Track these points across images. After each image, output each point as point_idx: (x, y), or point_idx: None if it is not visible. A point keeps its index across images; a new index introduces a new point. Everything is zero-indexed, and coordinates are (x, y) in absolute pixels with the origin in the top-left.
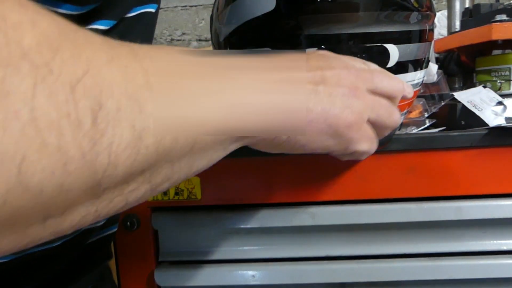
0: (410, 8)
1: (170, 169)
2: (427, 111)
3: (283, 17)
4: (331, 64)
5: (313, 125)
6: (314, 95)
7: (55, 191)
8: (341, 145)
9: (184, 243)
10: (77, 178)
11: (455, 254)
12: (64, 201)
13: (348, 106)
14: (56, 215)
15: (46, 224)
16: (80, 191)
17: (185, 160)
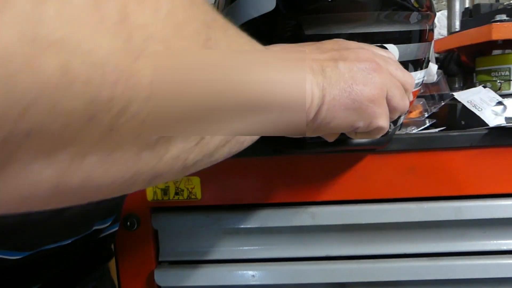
0: (410, 8)
1: (238, 122)
2: (427, 111)
3: (283, 17)
4: (347, 45)
5: (337, 101)
6: (335, 71)
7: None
8: (365, 120)
9: (184, 243)
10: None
11: (455, 254)
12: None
13: (370, 80)
14: (152, 145)
15: (157, 146)
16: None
17: (247, 119)
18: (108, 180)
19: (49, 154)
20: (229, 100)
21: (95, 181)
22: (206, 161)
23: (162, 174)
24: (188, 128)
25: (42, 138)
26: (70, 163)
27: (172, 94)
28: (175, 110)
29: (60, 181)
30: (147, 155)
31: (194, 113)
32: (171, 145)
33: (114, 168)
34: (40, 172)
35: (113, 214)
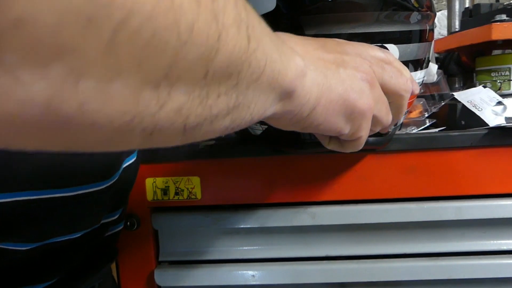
0: (411, 8)
1: (243, 92)
2: (427, 111)
3: (284, 17)
4: (346, 50)
5: (333, 105)
6: (336, 76)
7: (187, 31)
8: (351, 129)
9: (184, 243)
10: (205, 26)
11: (455, 254)
12: (186, 57)
13: (364, 92)
14: (172, 77)
15: (160, 88)
16: (201, 50)
17: (251, 91)
18: (105, 119)
19: (41, 61)
20: (239, 60)
21: (90, 115)
22: (207, 129)
23: (162, 128)
24: (191, 71)
25: (32, 32)
26: (65, 80)
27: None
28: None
29: (52, 102)
30: (148, 96)
31: (202, 60)
32: (173, 93)
33: (112, 104)
34: (31, 84)
35: (120, 207)
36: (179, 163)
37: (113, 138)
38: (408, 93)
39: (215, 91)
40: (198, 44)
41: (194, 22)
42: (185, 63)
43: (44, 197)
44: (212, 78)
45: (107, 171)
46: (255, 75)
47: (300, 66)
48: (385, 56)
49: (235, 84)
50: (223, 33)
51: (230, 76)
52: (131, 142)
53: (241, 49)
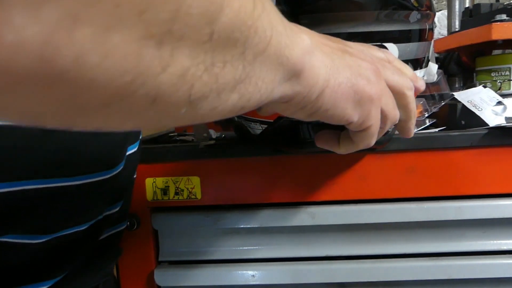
0: (410, 7)
1: (249, 63)
2: (427, 111)
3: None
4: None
5: (342, 88)
6: (342, 61)
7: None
8: (360, 116)
9: (184, 243)
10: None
11: (455, 254)
12: (189, 13)
13: (371, 79)
14: (174, 35)
15: (162, 46)
16: (205, 5)
17: (258, 64)
18: (104, 76)
19: (36, 4)
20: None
21: (88, 70)
22: (214, 102)
23: (165, 94)
24: (195, 29)
25: None
26: (59, 24)
27: None
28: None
29: (46, 48)
30: (150, 53)
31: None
32: (176, 55)
33: (112, 58)
34: (24, 28)
35: (121, 198)
36: (179, 163)
37: (113, 101)
38: (411, 91)
39: (220, 59)
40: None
41: None
42: (188, 18)
43: (51, 186)
44: (217, 41)
45: (113, 160)
46: (261, 45)
47: (307, 43)
48: (385, 56)
49: (241, 53)
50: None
51: (236, 42)
52: (132, 109)
53: (246, 12)
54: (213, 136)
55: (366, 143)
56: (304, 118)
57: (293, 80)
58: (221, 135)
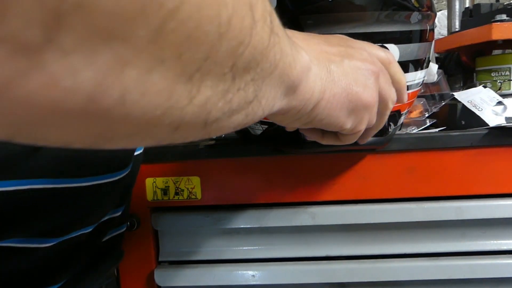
0: (411, 8)
1: (258, 85)
2: (428, 111)
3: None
4: (351, 44)
5: (337, 98)
6: (340, 68)
7: (225, 24)
8: (353, 123)
9: (184, 243)
10: (239, 20)
11: (455, 254)
12: (219, 50)
13: (369, 85)
14: (203, 71)
15: (192, 81)
16: (233, 43)
17: (265, 85)
18: (140, 111)
19: (93, 47)
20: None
21: (129, 106)
22: (224, 124)
23: (187, 123)
24: (220, 65)
25: (90, 15)
26: (111, 67)
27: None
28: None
29: (95, 92)
30: (181, 89)
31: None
32: (202, 88)
33: (150, 95)
34: (79, 72)
35: (124, 202)
36: (179, 163)
37: (140, 132)
38: (393, 104)
39: (236, 85)
40: (232, 37)
41: (232, 15)
42: (218, 56)
43: (59, 187)
44: (236, 72)
45: (124, 161)
46: (270, 69)
47: (306, 60)
48: (386, 56)
49: (252, 78)
50: (254, 27)
51: (250, 70)
52: (155, 137)
53: (263, 44)
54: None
55: (351, 142)
56: (300, 127)
57: (290, 95)
58: (221, 135)
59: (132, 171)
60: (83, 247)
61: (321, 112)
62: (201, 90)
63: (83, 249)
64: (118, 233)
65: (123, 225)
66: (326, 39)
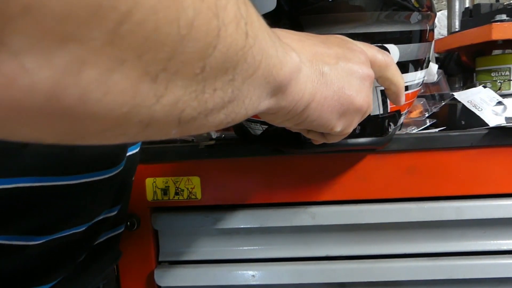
0: (411, 8)
1: (238, 86)
2: (428, 111)
3: (284, 17)
4: (351, 46)
5: (328, 101)
6: (334, 71)
7: (187, 26)
8: (343, 125)
9: (184, 243)
10: (204, 22)
11: (455, 254)
12: (184, 51)
13: (363, 88)
14: (169, 71)
15: (157, 81)
16: (199, 45)
17: (246, 85)
18: (104, 109)
19: (47, 48)
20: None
21: (91, 105)
22: (201, 122)
23: (158, 120)
24: (188, 65)
25: (40, 19)
26: (69, 67)
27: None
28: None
29: (55, 90)
30: (146, 88)
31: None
32: (170, 87)
33: (112, 94)
34: (36, 72)
35: (120, 201)
36: (179, 163)
37: (110, 128)
38: (366, 114)
39: (211, 86)
40: (196, 39)
41: (194, 18)
42: (183, 57)
43: (47, 185)
44: (209, 72)
45: (114, 159)
46: (251, 70)
47: (295, 62)
48: (383, 59)
49: (231, 79)
50: (222, 29)
51: (226, 71)
52: (127, 133)
53: (238, 45)
54: (213, 136)
55: (336, 141)
56: (291, 127)
57: (279, 96)
58: (221, 135)
59: (127, 169)
60: (76, 247)
61: (312, 114)
62: (170, 89)
63: (75, 248)
64: (115, 233)
65: (120, 225)
66: (325, 40)
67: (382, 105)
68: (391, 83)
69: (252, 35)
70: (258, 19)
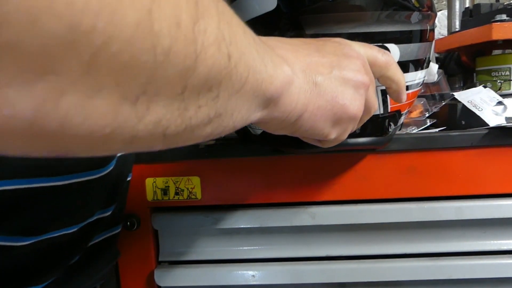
0: (411, 8)
1: (225, 102)
2: (428, 111)
3: (284, 16)
4: (348, 52)
5: (321, 111)
6: (327, 81)
7: (164, 53)
8: (337, 133)
9: (184, 243)
10: (182, 48)
11: (455, 254)
12: (163, 75)
13: (357, 98)
14: (150, 93)
15: (138, 103)
16: (178, 68)
17: (234, 100)
18: (86, 131)
19: (27, 80)
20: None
21: (73, 128)
22: (188, 136)
23: (142, 138)
24: (168, 87)
25: (19, 55)
26: (48, 96)
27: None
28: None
29: (36, 117)
30: (127, 110)
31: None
32: (152, 107)
33: (93, 118)
34: (16, 101)
35: (114, 201)
36: (179, 163)
37: (94, 146)
38: (371, 114)
39: (194, 103)
40: (175, 63)
41: (171, 45)
42: (163, 80)
43: (33, 186)
44: (191, 91)
45: (103, 159)
46: (237, 86)
47: (287, 75)
48: (383, 59)
49: (216, 96)
50: (202, 52)
51: (210, 88)
52: (112, 149)
53: (221, 65)
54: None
55: (331, 146)
56: (286, 134)
57: (271, 107)
58: None
59: (119, 169)
60: (68, 248)
61: (305, 124)
62: (152, 109)
63: (67, 249)
64: (112, 234)
65: (117, 226)
66: (320, 47)
67: (382, 105)
68: (392, 81)
69: (236, 54)
70: (245, 36)
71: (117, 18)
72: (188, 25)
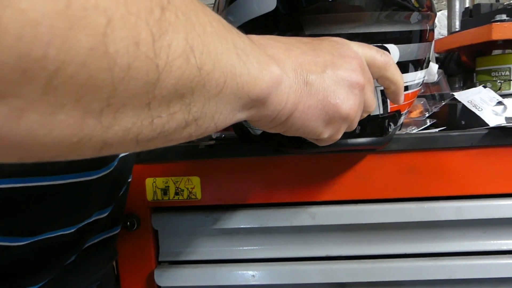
0: (411, 8)
1: (201, 106)
2: (428, 111)
3: (284, 17)
4: (344, 52)
5: (312, 110)
6: (319, 80)
7: (123, 70)
8: (330, 133)
9: (184, 243)
10: (143, 64)
11: (455, 254)
12: (126, 89)
13: (351, 97)
14: (114, 105)
15: (103, 115)
16: (141, 83)
17: (213, 103)
18: (54, 141)
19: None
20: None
21: (39, 139)
22: (164, 140)
23: (113, 144)
24: (134, 99)
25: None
26: (10, 115)
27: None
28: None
29: (0, 132)
30: (92, 122)
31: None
32: (119, 117)
33: (58, 131)
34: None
35: (111, 202)
36: (179, 163)
37: (65, 153)
38: (368, 113)
39: (166, 111)
40: (137, 78)
41: (130, 63)
42: (126, 93)
43: (31, 185)
44: (161, 101)
45: (103, 160)
46: (214, 91)
47: (275, 75)
48: (382, 60)
49: (189, 103)
50: (167, 65)
51: (182, 96)
52: (84, 154)
53: (190, 75)
54: (213, 136)
55: (327, 144)
56: (279, 132)
57: (259, 106)
58: (221, 135)
59: (119, 170)
60: (65, 248)
61: (296, 122)
62: (119, 119)
63: (64, 250)
64: (111, 234)
65: (116, 226)
66: (316, 46)
67: (382, 105)
68: (391, 82)
69: (209, 62)
70: (222, 43)
71: (69, 45)
72: (148, 43)
